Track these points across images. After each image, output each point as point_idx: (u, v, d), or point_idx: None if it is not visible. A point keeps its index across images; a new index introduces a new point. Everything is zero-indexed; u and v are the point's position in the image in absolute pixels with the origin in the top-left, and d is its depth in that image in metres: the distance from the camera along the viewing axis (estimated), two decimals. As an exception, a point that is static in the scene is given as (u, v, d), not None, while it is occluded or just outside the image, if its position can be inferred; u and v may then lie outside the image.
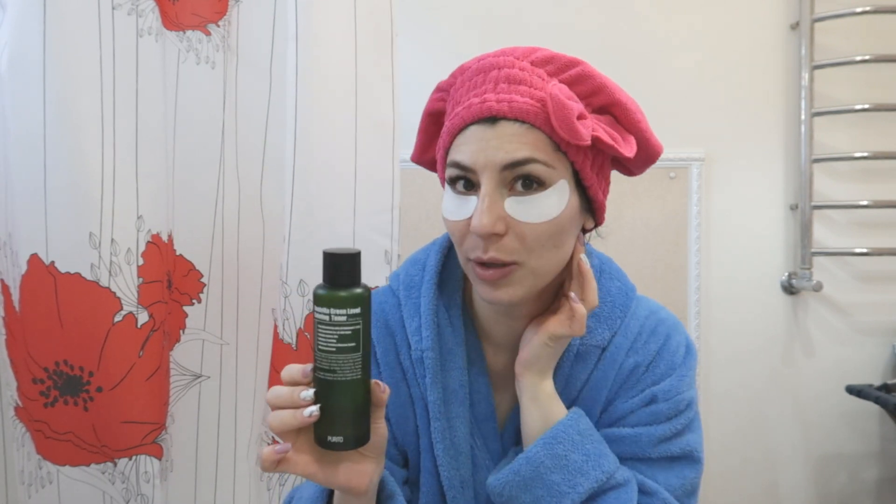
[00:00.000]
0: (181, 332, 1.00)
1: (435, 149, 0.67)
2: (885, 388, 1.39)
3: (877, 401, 1.35)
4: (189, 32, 0.96)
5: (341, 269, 0.50)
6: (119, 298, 0.83)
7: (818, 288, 1.39)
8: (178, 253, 0.98)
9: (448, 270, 0.71)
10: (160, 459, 0.88)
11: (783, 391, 1.50)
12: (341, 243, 0.92)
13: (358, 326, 0.50)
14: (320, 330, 0.50)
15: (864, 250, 1.43)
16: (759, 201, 1.48)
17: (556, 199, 0.57)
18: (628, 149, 0.59)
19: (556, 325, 0.62)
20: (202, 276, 1.00)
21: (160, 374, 0.89)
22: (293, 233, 0.89)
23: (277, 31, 0.97)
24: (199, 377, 1.02)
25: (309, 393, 0.50)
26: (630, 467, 0.63)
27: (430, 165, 0.71)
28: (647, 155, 0.62)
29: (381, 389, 0.53)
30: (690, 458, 0.64)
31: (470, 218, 0.57)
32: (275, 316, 0.96)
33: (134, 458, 0.86)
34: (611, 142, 0.57)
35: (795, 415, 1.51)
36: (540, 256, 0.58)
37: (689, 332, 1.44)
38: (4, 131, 0.83)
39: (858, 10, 1.38)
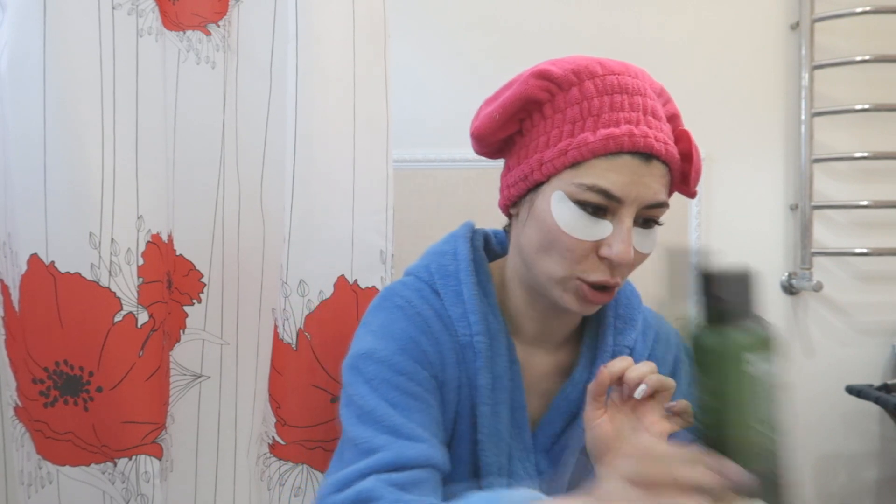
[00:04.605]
0: (181, 332, 1.00)
1: (506, 130, 0.65)
2: (885, 388, 1.39)
3: (877, 401, 1.35)
4: (189, 32, 0.96)
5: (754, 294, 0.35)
6: (119, 298, 0.83)
7: (818, 288, 1.39)
8: (178, 253, 0.98)
9: (475, 263, 0.70)
10: (160, 459, 0.88)
11: (783, 391, 1.50)
12: (342, 244, 0.91)
13: None
14: (761, 388, 0.35)
15: (864, 250, 1.43)
16: (759, 201, 1.48)
17: (658, 233, 0.64)
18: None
19: (666, 427, 0.60)
20: (202, 276, 1.00)
21: (160, 374, 0.89)
22: (293, 233, 0.89)
23: (277, 31, 0.97)
24: (199, 377, 1.02)
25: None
26: None
27: (493, 145, 0.67)
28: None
29: None
30: None
31: (598, 241, 0.60)
32: (275, 316, 0.96)
33: (134, 458, 0.86)
34: (696, 191, 0.66)
35: (795, 415, 1.51)
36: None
37: (689, 332, 1.45)
38: (4, 131, 0.83)
39: (858, 10, 1.38)
